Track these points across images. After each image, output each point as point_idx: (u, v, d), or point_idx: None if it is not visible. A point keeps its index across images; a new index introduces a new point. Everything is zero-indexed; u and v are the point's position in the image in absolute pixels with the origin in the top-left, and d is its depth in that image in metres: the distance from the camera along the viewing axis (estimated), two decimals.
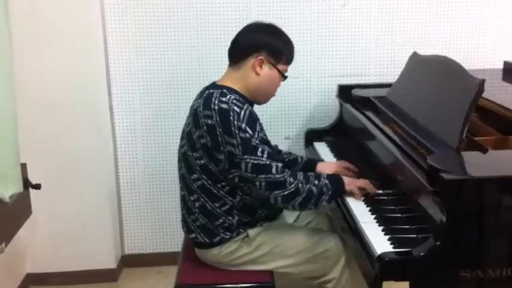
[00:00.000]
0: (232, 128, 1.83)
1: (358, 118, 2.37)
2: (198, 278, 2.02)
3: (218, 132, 1.84)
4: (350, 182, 2.00)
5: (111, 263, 2.90)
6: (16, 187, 2.02)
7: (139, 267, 3.01)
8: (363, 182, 2.01)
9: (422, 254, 1.50)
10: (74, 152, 2.74)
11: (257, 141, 1.85)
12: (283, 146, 2.87)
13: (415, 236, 1.67)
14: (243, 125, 1.83)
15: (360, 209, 1.90)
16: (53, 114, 2.68)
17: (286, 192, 1.85)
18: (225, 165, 1.87)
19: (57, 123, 2.69)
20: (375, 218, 1.82)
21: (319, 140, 2.71)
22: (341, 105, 2.73)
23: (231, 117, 1.83)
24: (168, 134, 2.91)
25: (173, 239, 3.03)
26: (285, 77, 2.04)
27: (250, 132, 1.84)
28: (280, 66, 2.00)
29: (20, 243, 2.74)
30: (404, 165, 1.77)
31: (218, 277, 2.02)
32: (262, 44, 1.97)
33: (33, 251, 2.84)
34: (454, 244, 1.51)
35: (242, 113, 1.85)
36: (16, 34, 2.45)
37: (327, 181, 1.92)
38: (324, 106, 2.95)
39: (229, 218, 1.96)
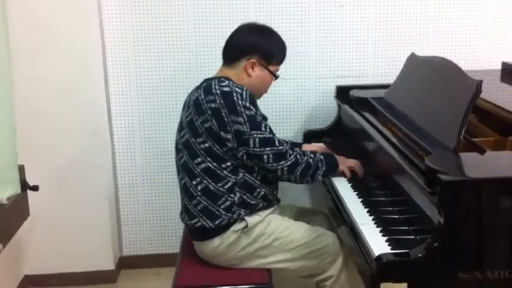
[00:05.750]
0: (238, 107, 1.92)
1: (356, 119, 2.37)
2: (195, 280, 2.02)
3: (224, 113, 1.92)
4: (342, 162, 2.16)
5: (109, 265, 2.89)
6: (14, 189, 2.02)
7: (137, 268, 3.01)
8: (353, 162, 2.18)
9: (420, 255, 1.50)
10: (72, 154, 2.74)
11: (260, 118, 1.95)
12: None
13: (413, 237, 1.68)
14: (247, 104, 1.94)
15: (358, 210, 1.91)
16: (51, 116, 2.68)
17: (289, 163, 1.97)
18: (233, 144, 1.94)
19: (55, 126, 2.69)
20: (373, 219, 1.82)
21: (318, 141, 2.71)
22: (339, 106, 2.73)
23: (235, 98, 1.92)
24: (166, 137, 2.90)
25: (171, 241, 3.03)
26: (276, 77, 2.12)
27: (253, 109, 1.94)
28: (272, 67, 2.09)
29: (18, 245, 2.74)
30: (402, 167, 1.77)
31: (216, 278, 2.01)
32: (255, 47, 2.05)
33: (32, 252, 2.83)
34: (452, 245, 1.51)
35: (244, 93, 1.95)
36: (13, 36, 2.45)
37: (321, 157, 2.07)
38: (322, 107, 2.95)
39: (231, 195, 2.00)
